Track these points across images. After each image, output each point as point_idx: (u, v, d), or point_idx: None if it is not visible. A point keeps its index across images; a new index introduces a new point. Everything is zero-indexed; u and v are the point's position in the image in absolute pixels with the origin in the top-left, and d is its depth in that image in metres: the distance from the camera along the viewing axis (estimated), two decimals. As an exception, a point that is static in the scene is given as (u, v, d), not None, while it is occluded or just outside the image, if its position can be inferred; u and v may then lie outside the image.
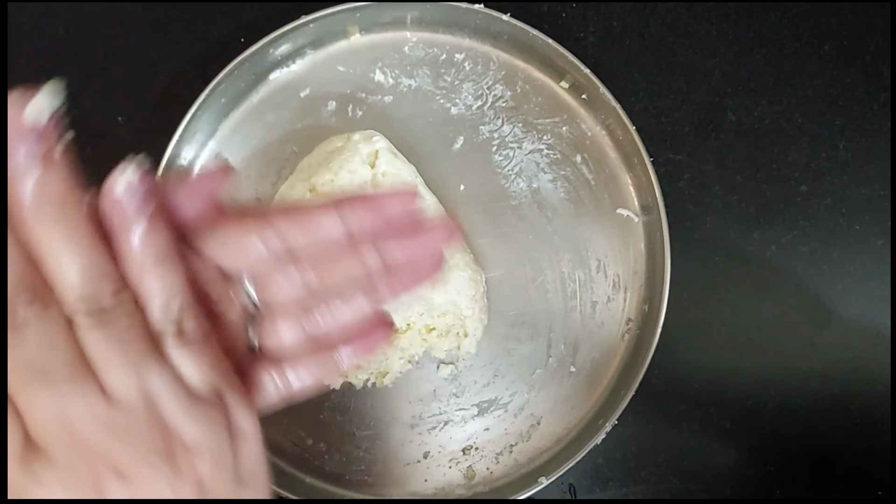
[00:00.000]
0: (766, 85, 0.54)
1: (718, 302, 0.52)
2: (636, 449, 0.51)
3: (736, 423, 0.51)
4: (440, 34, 0.53)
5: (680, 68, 0.54)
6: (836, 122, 0.53)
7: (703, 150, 0.53)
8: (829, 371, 0.52)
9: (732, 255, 0.52)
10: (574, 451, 0.47)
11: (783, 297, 0.52)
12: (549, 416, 0.50)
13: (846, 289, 0.52)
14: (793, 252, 0.52)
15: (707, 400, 0.51)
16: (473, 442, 0.50)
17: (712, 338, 0.52)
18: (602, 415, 0.48)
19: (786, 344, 0.52)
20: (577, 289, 0.51)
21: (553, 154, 0.52)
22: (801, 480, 0.51)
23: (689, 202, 0.53)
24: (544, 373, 0.50)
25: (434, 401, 0.50)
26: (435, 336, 0.49)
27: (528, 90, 0.52)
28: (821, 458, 0.51)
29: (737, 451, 0.51)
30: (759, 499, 0.51)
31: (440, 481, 0.49)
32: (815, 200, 0.53)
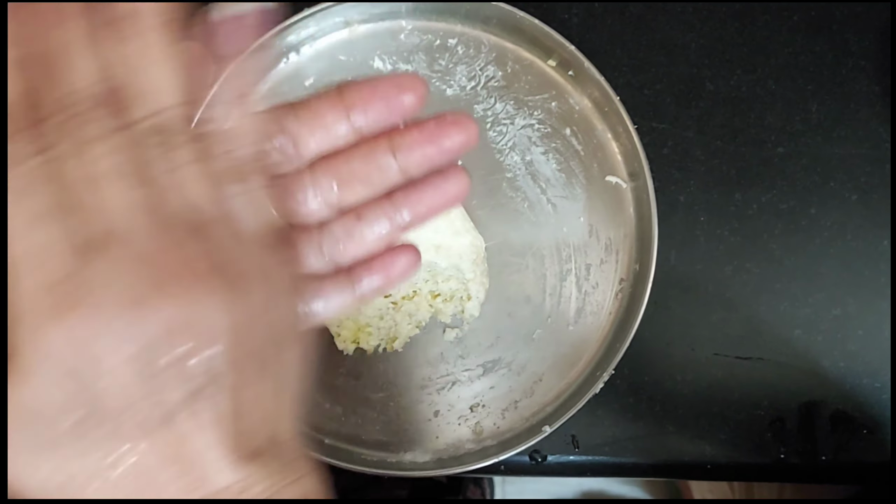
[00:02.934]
0: (740, 55, 0.57)
1: (704, 259, 0.55)
2: (633, 400, 0.54)
3: (726, 372, 0.54)
4: (433, 21, 0.56)
5: (659, 44, 0.58)
6: (808, 87, 0.57)
7: (685, 118, 0.57)
8: (812, 319, 0.55)
9: (716, 215, 0.56)
10: (574, 402, 0.50)
11: (766, 252, 0.56)
12: (550, 372, 0.53)
13: (824, 242, 0.56)
14: (772, 210, 0.56)
15: (698, 351, 0.55)
16: (480, 400, 0.53)
17: (700, 293, 0.55)
18: (600, 367, 0.52)
19: (770, 296, 0.55)
20: (571, 253, 0.54)
21: (544, 128, 0.55)
22: (789, 422, 0.54)
23: (674, 167, 0.56)
24: (544, 332, 0.54)
25: (442, 363, 0.53)
26: (440, 301, 0.53)
27: (517, 69, 0.56)
28: (808, 401, 0.54)
29: (728, 398, 0.54)
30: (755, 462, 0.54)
31: (451, 437, 0.53)
32: (791, 161, 0.56)
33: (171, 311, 0.22)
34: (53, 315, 0.21)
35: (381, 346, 0.53)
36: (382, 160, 0.29)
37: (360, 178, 0.30)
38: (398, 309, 0.52)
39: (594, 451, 0.54)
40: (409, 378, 0.53)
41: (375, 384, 0.53)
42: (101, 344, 0.21)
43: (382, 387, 0.53)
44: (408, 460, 0.52)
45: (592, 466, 0.54)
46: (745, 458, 0.54)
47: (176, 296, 0.22)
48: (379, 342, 0.53)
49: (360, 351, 0.53)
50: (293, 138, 0.29)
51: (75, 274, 0.21)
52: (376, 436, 0.53)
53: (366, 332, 0.52)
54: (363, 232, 0.30)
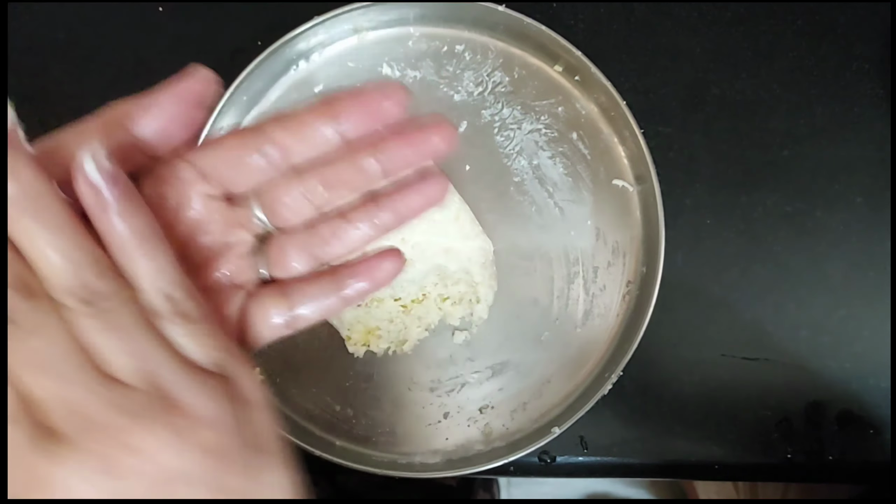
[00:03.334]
0: (745, 60, 0.58)
1: (711, 261, 0.56)
2: (641, 401, 0.55)
3: (733, 373, 0.55)
4: (441, 28, 0.57)
5: (664, 48, 0.58)
6: (812, 90, 0.57)
7: (690, 122, 0.57)
8: (818, 320, 0.56)
9: (722, 218, 0.56)
10: (583, 404, 0.51)
11: (771, 254, 0.56)
12: (558, 374, 0.54)
13: (829, 244, 0.56)
14: (778, 213, 0.56)
15: (705, 353, 0.55)
16: (489, 402, 0.54)
17: (706, 295, 0.56)
18: (608, 369, 0.52)
19: (776, 297, 0.56)
20: (579, 256, 0.55)
21: (551, 133, 0.56)
22: (796, 422, 0.54)
23: (680, 171, 0.57)
24: (552, 334, 0.54)
25: (451, 365, 0.54)
26: (449, 304, 0.53)
27: (524, 75, 0.56)
28: (814, 401, 0.55)
29: (735, 398, 0.55)
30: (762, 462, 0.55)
31: (460, 439, 0.53)
32: (796, 164, 0.57)
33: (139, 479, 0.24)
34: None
35: (391, 349, 0.53)
36: (366, 164, 0.31)
37: (345, 182, 0.31)
38: (408, 312, 0.53)
39: (603, 451, 0.54)
40: (419, 380, 0.54)
41: (385, 386, 0.54)
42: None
43: (392, 389, 0.54)
44: (418, 462, 0.53)
45: (601, 467, 0.55)
46: (753, 458, 0.55)
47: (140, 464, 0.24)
48: (389, 345, 0.53)
49: (371, 354, 0.53)
50: (280, 147, 0.30)
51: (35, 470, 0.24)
52: (386, 437, 0.53)
53: (375, 335, 0.53)
54: (349, 232, 0.32)
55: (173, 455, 0.25)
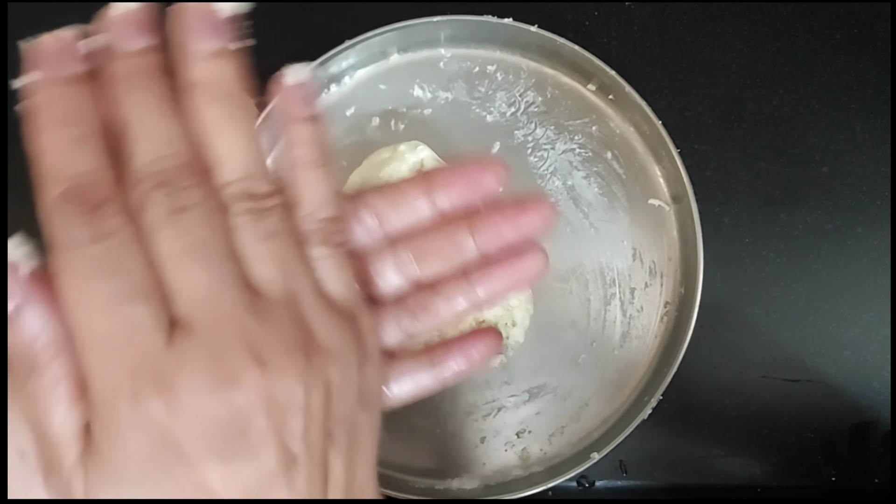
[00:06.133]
0: (782, 75, 0.57)
1: (750, 281, 0.55)
2: (680, 424, 0.54)
3: (774, 395, 0.54)
4: (472, 49, 0.57)
5: (699, 65, 0.57)
6: (852, 105, 0.56)
7: (727, 139, 0.56)
8: (861, 340, 0.54)
9: (761, 237, 0.55)
10: (622, 428, 0.50)
11: (812, 273, 0.55)
12: (596, 397, 0.53)
13: (871, 262, 0.55)
14: (818, 230, 0.55)
15: (746, 374, 0.54)
16: (526, 426, 0.53)
17: (747, 315, 0.55)
18: (647, 392, 0.52)
19: (818, 317, 0.55)
20: (615, 277, 0.54)
21: (585, 152, 0.55)
22: (840, 444, 0.53)
23: (717, 189, 0.56)
24: (589, 357, 0.54)
25: (487, 389, 0.54)
26: (485, 328, 0.53)
27: (557, 95, 0.56)
28: (859, 423, 0.54)
29: (777, 421, 0.54)
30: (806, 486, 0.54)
31: (497, 464, 0.53)
32: (836, 180, 0.56)
33: (254, 389, 0.22)
34: (134, 403, 0.22)
35: (427, 374, 0.53)
36: (461, 238, 0.30)
37: (437, 255, 0.30)
38: (443, 337, 0.52)
39: (642, 476, 0.54)
40: (456, 405, 0.53)
41: (422, 411, 0.53)
42: (181, 428, 0.22)
43: (429, 414, 0.53)
44: (455, 487, 0.52)
45: (641, 491, 0.54)
46: (796, 481, 0.54)
47: (260, 375, 0.23)
48: (425, 369, 0.53)
49: (407, 378, 0.53)
50: (377, 214, 0.30)
51: (158, 358, 0.22)
52: (424, 463, 0.53)
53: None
54: (438, 306, 0.31)
55: (296, 383, 0.23)
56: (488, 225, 0.30)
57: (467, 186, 0.30)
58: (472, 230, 0.30)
